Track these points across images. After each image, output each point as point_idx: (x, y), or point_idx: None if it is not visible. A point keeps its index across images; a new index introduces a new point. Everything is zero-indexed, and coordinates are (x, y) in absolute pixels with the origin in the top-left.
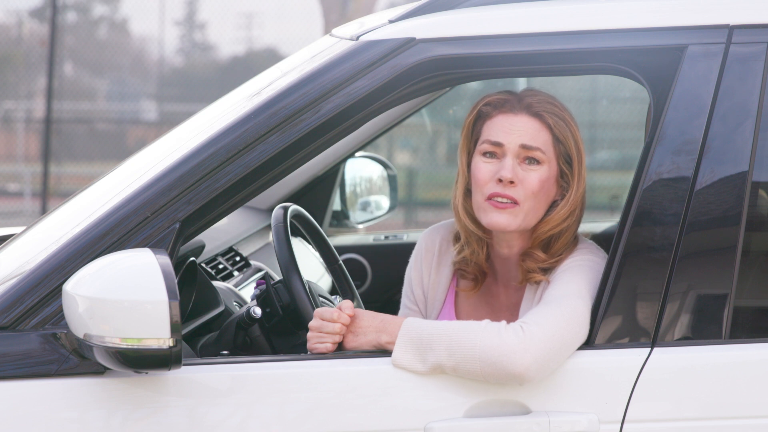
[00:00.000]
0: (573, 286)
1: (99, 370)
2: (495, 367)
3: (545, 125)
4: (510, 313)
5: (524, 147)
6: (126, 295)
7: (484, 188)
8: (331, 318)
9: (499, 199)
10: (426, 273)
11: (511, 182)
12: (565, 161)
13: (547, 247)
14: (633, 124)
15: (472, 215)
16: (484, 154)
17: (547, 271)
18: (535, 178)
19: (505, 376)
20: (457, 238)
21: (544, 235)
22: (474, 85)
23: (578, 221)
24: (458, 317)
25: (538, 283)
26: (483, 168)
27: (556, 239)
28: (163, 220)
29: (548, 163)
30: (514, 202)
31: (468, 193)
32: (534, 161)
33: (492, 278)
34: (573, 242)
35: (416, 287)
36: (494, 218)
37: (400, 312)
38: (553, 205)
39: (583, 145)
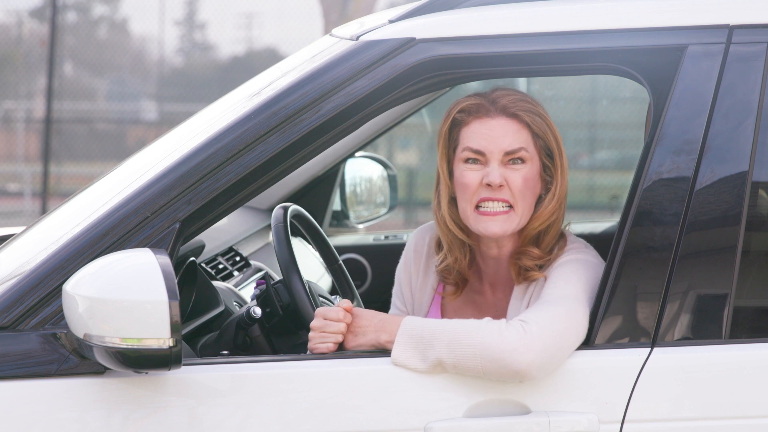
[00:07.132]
0: (571, 286)
1: (99, 370)
2: (497, 364)
3: (523, 124)
4: (496, 311)
5: (508, 153)
6: (126, 295)
7: (473, 196)
8: (336, 317)
9: (490, 204)
10: (414, 275)
11: (500, 186)
12: (547, 155)
13: (537, 242)
14: (633, 124)
15: (459, 223)
16: (467, 161)
17: (542, 267)
18: (520, 177)
19: (507, 373)
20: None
21: (534, 231)
22: (474, 85)
23: (564, 213)
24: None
25: (533, 280)
26: (469, 175)
27: (545, 234)
28: (163, 220)
29: (531, 160)
30: (509, 206)
31: (453, 201)
32: (519, 161)
33: (477, 279)
34: (561, 237)
35: (405, 288)
36: (489, 227)
37: (390, 312)
38: (538, 200)
39: (561, 137)
